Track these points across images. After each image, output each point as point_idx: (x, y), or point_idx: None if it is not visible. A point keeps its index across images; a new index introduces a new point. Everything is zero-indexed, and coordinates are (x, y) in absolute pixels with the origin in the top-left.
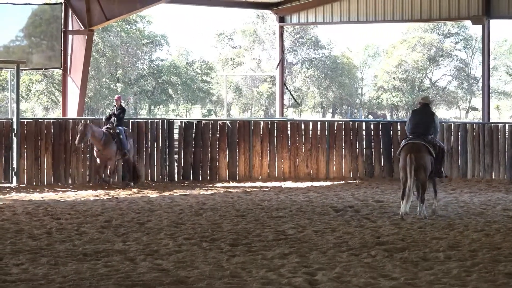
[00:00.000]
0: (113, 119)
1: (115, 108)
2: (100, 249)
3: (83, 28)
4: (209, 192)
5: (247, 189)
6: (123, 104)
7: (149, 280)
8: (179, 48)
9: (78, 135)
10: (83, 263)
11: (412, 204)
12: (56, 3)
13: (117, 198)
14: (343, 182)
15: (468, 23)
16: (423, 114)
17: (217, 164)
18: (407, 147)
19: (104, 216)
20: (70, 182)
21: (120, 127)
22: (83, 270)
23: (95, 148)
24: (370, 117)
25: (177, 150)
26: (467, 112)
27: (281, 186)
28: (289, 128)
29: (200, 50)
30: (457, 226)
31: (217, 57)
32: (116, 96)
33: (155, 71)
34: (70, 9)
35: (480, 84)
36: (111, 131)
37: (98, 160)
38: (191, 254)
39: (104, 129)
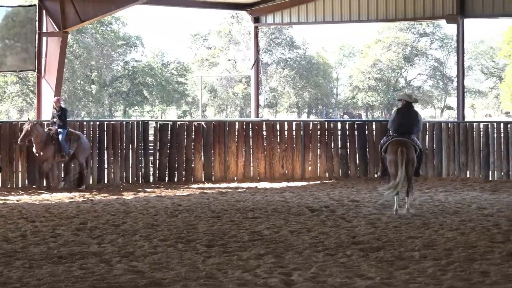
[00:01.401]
0: (57, 121)
1: (55, 110)
2: (75, 251)
3: (57, 30)
4: (185, 193)
5: (223, 190)
6: (62, 105)
7: (125, 282)
8: (154, 49)
9: (23, 134)
10: (58, 265)
11: (388, 203)
12: (30, 5)
13: (92, 200)
14: (319, 182)
15: (442, 22)
16: (407, 113)
17: (193, 165)
18: (396, 142)
19: (79, 219)
20: (44, 185)
21: (62, 129)
22: (58, 272)
23: (33, 149)
24: (346, 117)
25: (152, 151)
26: (442, 111)
27: (256, 187)
28: (264, 129)
29: (175, 51)
30: (432, 225)
31: (192, 58)
32: (55, 99)
33: (130, 73)
34: (44, 11)
35: (455, 83)
36: (51, 133)
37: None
38: (167, 255)
39: (46, 130)
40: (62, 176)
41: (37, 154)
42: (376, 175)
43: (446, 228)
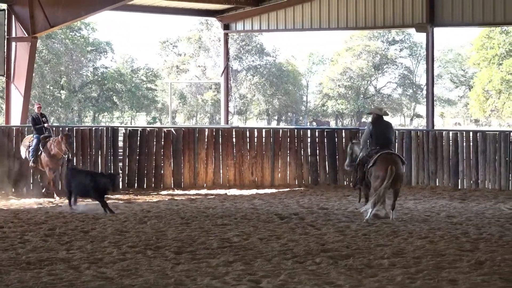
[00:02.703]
0: (47, 125)
1: (39, 115)
2: (44, 257)
3: (26, 35)
4: (154, 199)
5: (192, 197)
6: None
7: None
8: (124, 55)
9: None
10: (26, 271)
11: (358, 211)
12: None
13: (61, 206)
14: (288, 189)
15: (412, 30)
16: (383, 125)
17: (162, 171)
18: (386, 159)
19: (48, 224)
20: (13, 190)
21: (36, 136)
22: (27, 278)
23: (46, 158)
24: (314, 124)
25: (121, 157)
26: (411, 120)
27: (226, 194)
28: (234, 136)
29: (145, 57)
30: (402, 233)
31: (162, 64)
32: (37, 104)
33: (99, 79)
34: (13, 16)
35: (424, 92)
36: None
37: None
38: (136, 262)
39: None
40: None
41: (51, 165)
42: (353, 185)
43: (415, 236)
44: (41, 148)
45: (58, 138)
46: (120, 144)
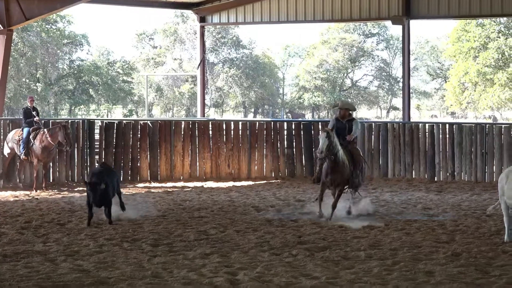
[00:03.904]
0: (37, 119)
1: (31, 108)
2: (20, 250)
3: (2, 28)
4: (130, 192)
5: (169, 189)
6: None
7: (70, 281)
8: (100, 48)
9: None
10: (2, 264)
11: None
12: None
13: (37, 199)
14: (265, 181)
15: (388, 23)
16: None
17: (139, 164)
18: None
19: (24, 217)
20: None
21: (26, 128)
22: (3, 271)
23: (40, 151)
24: (289, 116)
25: (97, 150)
26: (388, 112)
27: (202, 186)
28: (210, 128)
29: (121, 50)
30: (378, 225)
31: (138, 57)
32: (31, 97)
33: (75, 71)
34: None
35: (401, 84)
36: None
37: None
38: (112, 254)
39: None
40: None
41: (41, 157)
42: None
43: (391, 228)
44: (32, 140)
45: (54, 128)
46: (97, 137)
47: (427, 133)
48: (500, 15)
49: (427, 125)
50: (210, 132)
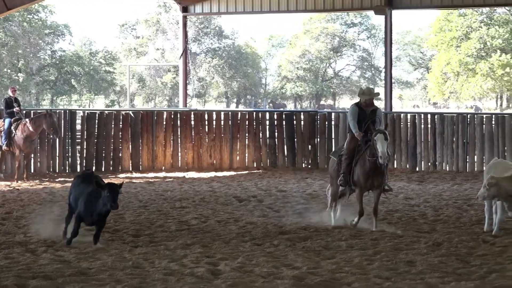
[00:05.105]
0: (18, 110)
1: (13, 99)
2: (1, 241)
3: None
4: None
5: (150, 180)
6: None
7: (51, 271)
8: (82, 38)
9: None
10: None
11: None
12: None
13: (18, 189)
14: (247, 172)
15: (371, 13)
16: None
17: (120, 154)
18: None
19: (5, 208)
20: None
21: (9, 119)
22: None
23: (22, 141)
24: (271, 106)
25: (79, 141)
26: None
27: (184, 177)
28: (192, 119)
29: (103, 40)
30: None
31: (120, 47)
32: (13, 88)
33: (57, 61)
34: None
35: (383, 74)
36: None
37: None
38: (93, 245)
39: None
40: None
41: (23, 147)
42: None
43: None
44: (13, 131)
45: (39, 117)
46: (78, 127)
47: (409, 123)
48: (482, 5)
49: (409, 115)
50: (192, 122)
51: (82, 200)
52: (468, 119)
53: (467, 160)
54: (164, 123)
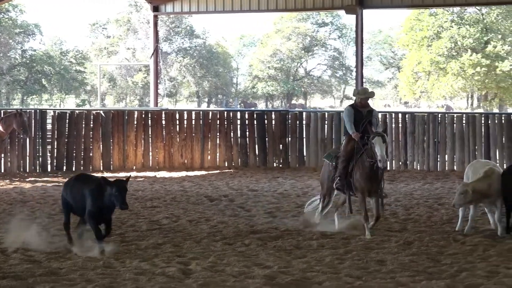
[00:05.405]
0: None
1: None
2: None
3: None
4: None
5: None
6: None
7: (21, 271)
8: (53, 37)
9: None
10: None
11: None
12: None
13: None
14: (218, 171)
15: (342, 12)
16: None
17: (91, 154)
18: None
19: None
20: None
21: None
22: None
23: None
24: (242, 106)
25: (50, 140)
26: (341, 101)
27: (155, 176)
28: (163, 118)
29: (74, 39)
30: (330, 214)
31: (91, 46)
32: None
33: (28, 61)
34: None
35: (354, 73)
36: None
37: None
38: (64, 245)
39: None
40: None
41: None
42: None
43: (345, 217)
44: None
45: (8, 117)
46: (49, 127)
47: (379, 123)
48: (453, 4)
49: (379, 114)
50: (163, 122)
51: (89, 200)
52: (439, 119)
53: (438, 159)
54: (135, 122)
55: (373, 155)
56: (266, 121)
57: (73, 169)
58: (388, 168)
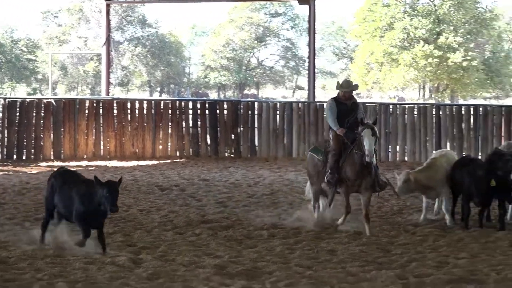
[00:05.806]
0: None
1: None
2: None
3: None
4: (33, 171)
5: (72, 168)
6: None
7: None
8: (4, 25)
9: None
10: None
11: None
12: None
13: None
14: (169, 161)
15: (295, 3)
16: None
17: (42, 143)
18: None
19: None
20: None
21: None
22: None
23: None
24: (194, 96)
25: (0, 129)
26: (294, 92)
27: (106, 165)
28: (115, 107)
29: (25, 28)
30: (282, 204)
31: (42, 35)
32: None
33: None
34: None
35: (306, 64)
36: None
37: None
38: (14, 234)
39: None
40: None
41: None
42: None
43: (295, 207)
44: None
45: None
46: None
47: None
48: None
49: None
50: (115, 111)
51: (78, 203)
52: (391, 109)
53: (389, 150)
54: (87, 111)
55: (361, 147)
56: (218, 111)
57: (24, 158)
58: None
